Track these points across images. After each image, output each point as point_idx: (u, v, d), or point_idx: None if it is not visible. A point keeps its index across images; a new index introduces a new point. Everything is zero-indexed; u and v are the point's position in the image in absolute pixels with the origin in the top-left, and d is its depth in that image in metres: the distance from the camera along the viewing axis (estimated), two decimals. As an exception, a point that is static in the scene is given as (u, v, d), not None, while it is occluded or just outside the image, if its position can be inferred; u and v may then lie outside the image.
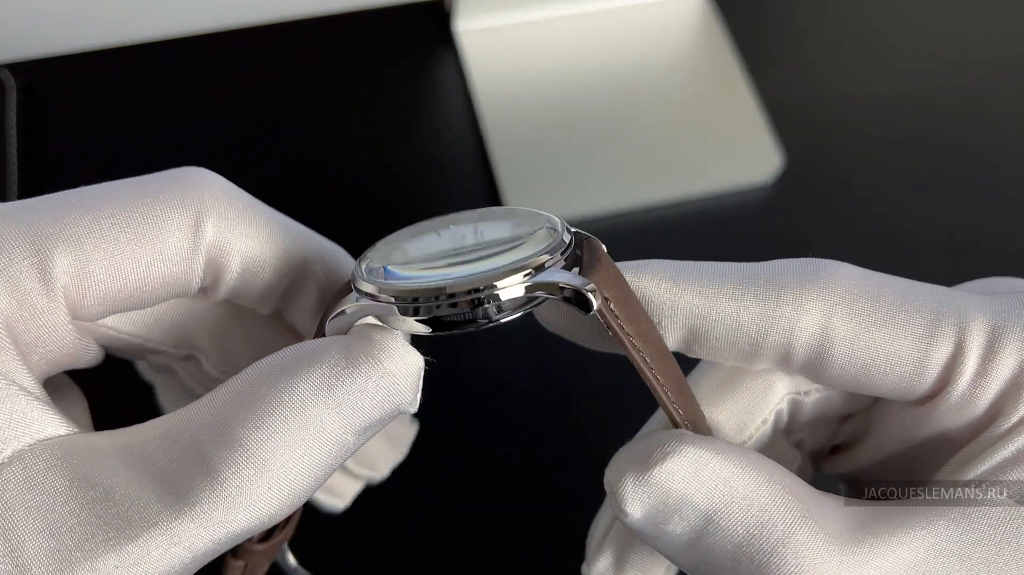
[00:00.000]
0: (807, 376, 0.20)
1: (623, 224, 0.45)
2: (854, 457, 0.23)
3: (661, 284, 0.20)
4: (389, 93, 0.49)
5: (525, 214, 0.20)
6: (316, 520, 0.30)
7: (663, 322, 0.20)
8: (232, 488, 0.16)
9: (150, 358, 0.23)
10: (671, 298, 0.19)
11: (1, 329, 0.17)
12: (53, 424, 0.17)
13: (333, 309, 0.19)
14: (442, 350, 0.19)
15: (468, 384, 0.41)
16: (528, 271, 0.17)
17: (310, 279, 0.21)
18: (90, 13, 0.46)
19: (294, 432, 0.17)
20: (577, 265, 0.19)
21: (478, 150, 0.47)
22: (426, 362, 0.18)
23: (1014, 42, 0.53)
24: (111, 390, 0.25)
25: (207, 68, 0.49)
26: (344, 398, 0.17)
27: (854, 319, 0.19)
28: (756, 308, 0.19)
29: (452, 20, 0.49)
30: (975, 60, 0.52)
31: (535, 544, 0.38)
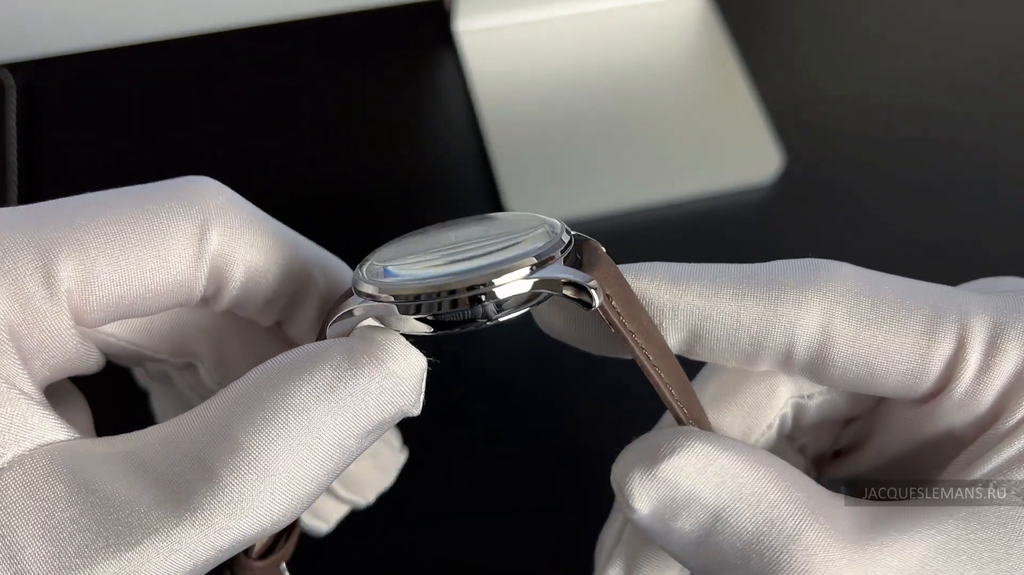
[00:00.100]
0: (809, 377, 0.20)
1: (623, 224, 0.45)
2: (857, 460, 0.23)
3: (661, 286, 0.19)
4: (389, 93, 0.49)
5: (525, 217, 0.20)
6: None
7: (664, 323, 0.20)
8: (234, 493, 0.16)
9: (148, 366, 0.23)
10: (671, 299, 0.19)
11: (3, 333, 0.17)
12: (53, 429, 0.17)
13: (334, 313, 0.19)
14: (442, 351, 0.19)
15: (468, 384, 0.41)
16: (529, 267, 0.17)
17: (312, 291, 0.21)
18: (90, 13, 0.46)
19: (297, 435, 0.16)
20: (577, 266, 0.19)
21: (478, 150, 0.47)
22: (429, 362, 0.18)
23: (1014, 43, 0.53)
24: (113, 397, 0.25)
25: (207, 68, 0.49)
26: (347, 400, 0.17)
27: (854, 317, 0.19)
28: (757, 308, 0.19)
29: (452, 20, 0.49)
30: (975, 61, 0.52)
31: (535, 544, 0.38)
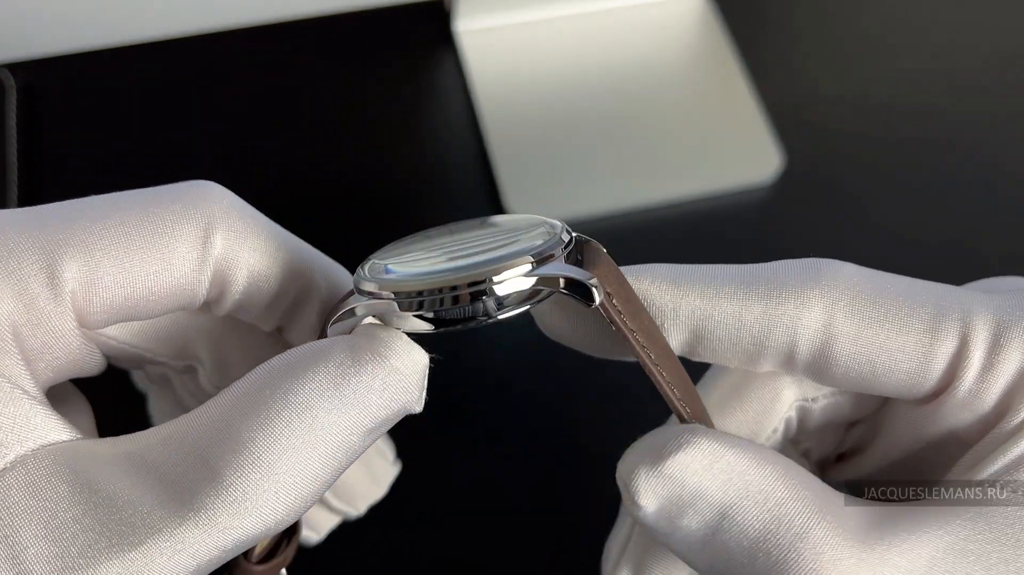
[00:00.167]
0: (812, 377, 0.20)
1: (623, 224, 0.45)
2: (861, 463, 0.23)
3: (662, 287, 0.19)
4: (389, 93, 0.49)
5: (525, 218, 0.20)
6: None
7: (666, 325, 0.20)
8: (237, 493, 0.16)
9: (148, 368, 0.23)
10: (673, 300, 0.19)
11: (7, 333, 0.17)
12: (56, 429, 0.17)
13: (335, 312, 0.19)
14: (443, 350, 0.19)
15: (468, 384, 0.41)
16: (530, 263, 0.17)
17: (313, 296, 0.21)
18: (90, 13, 0.46)
19: (300, 433, 0.16)
20: (578, 265, 0.19)
21: (478, 150, 0.47)
22: (431, 359, 0.18)
23: (1014, 43, 0.53)
24: (114, 399, 0.25)
25: (207, 68, 0.49)
26: (351, 397, 0.17)
27: (856, 315, 0.19)
28: (758, 307, 0.19)
29: (452, 20, 0.49)
30: (975, 61, 0.52)
31: (535, 544, 0.38)
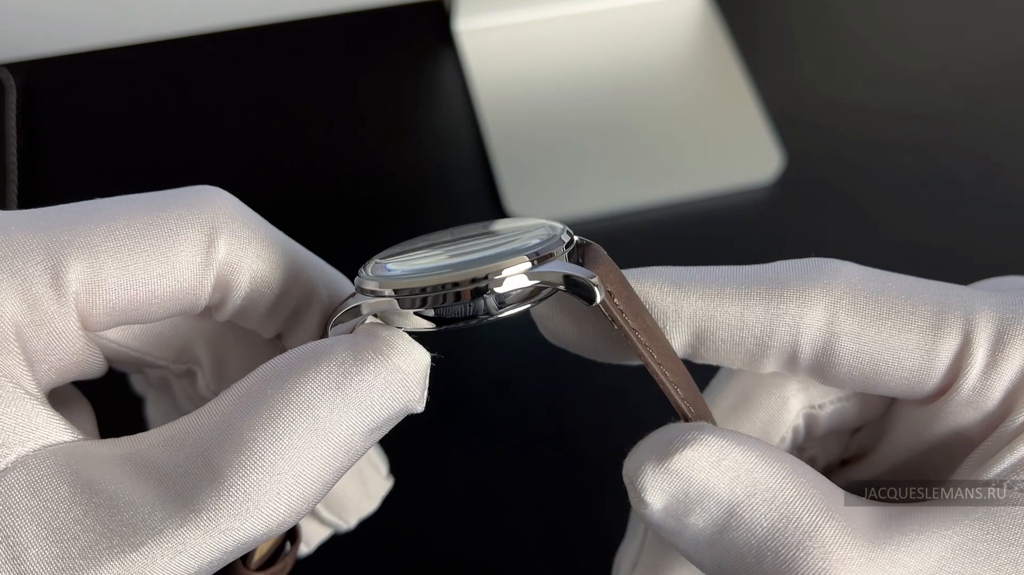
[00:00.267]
0: (815, 377, 0.20)
1: (623, 224, 0.45)
2: (866, 467, 0.23)
3: (664, 289, 0.19)
4: (389, 93, 0.49)
5: (527, 221, 0.20)
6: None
7: (668, 326, 0.20)
8: (239, 493, 0.16)
9: (148, 372, 0.23)
10: (675, 302, 0.19)
11: (10, 334, 0.17)
12: (58, 430, 0.17)
13: (336, 313, 0.19)
14: (443, 350, 0.19)
15: (468, 384, 0.41)
16: (531, 260, 0.17)
17: (314, 304, 0.21)
18: (90, 13, 0.46)
19: (303, 433, 0.16)
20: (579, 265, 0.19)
21: (478, 150, 0.47)
22: (433, 359, 0.18)
23: (1013, 45, 0.53)
24: (115, 401, 0.25)
25: (207, 68, 0.49)
26: (353, 396, 0.17)
27: (859, 314, 0.19)
28: (760, 307, 0.19)
29: (452, 20, 0.49)
30: (974, 63, 0.52)
31: (534, 544, 0.38)
